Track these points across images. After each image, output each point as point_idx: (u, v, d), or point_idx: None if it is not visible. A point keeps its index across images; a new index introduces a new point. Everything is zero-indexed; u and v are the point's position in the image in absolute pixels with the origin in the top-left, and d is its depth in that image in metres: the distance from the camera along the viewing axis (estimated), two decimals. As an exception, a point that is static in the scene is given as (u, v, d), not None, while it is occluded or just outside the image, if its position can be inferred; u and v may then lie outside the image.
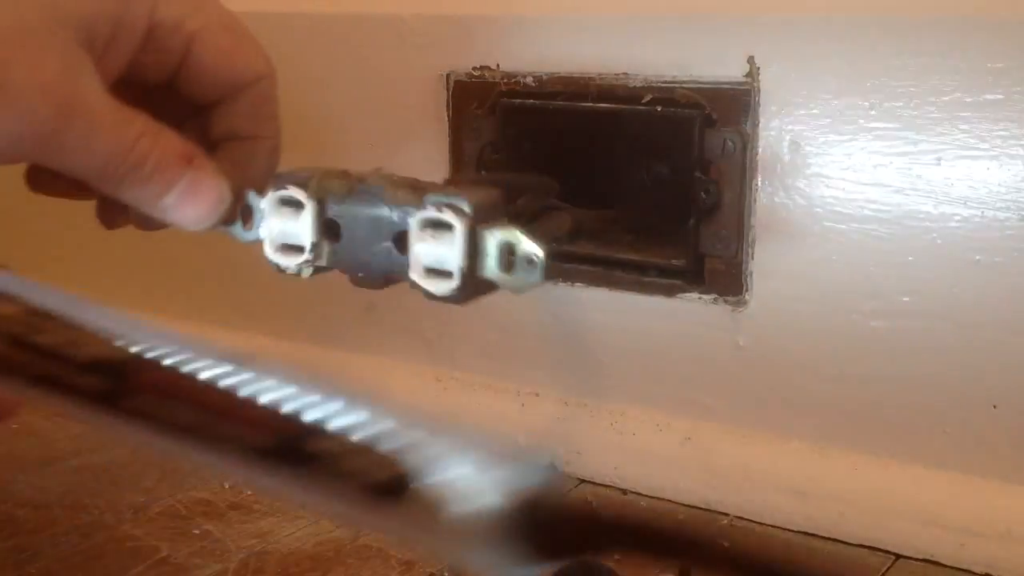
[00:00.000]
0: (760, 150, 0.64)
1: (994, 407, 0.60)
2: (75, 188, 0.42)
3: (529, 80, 0.71)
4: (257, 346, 0.85)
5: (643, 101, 0.66)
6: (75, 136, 0.36)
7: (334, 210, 0.41)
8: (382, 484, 0.28)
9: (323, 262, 0.42)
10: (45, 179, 0.43)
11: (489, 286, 0.40)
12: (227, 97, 0.43)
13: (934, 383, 0.61)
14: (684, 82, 0.65)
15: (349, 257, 0.42)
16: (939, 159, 0.59)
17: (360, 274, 0.42)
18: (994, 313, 0.59)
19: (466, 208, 0.39)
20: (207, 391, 0.33)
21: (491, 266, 0.40)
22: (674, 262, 0.68)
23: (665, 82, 0.66)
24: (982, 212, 0.58)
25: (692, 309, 0.67)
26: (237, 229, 0.42)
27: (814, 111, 0.62)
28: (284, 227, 0.41)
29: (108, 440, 0.76)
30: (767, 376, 0.66)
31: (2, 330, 0.37)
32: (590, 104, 0.69)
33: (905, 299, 0.61)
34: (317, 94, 0.80)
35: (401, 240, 0.40)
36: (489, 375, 0.76)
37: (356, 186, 0.41)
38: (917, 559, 0.61)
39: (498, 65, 0.72)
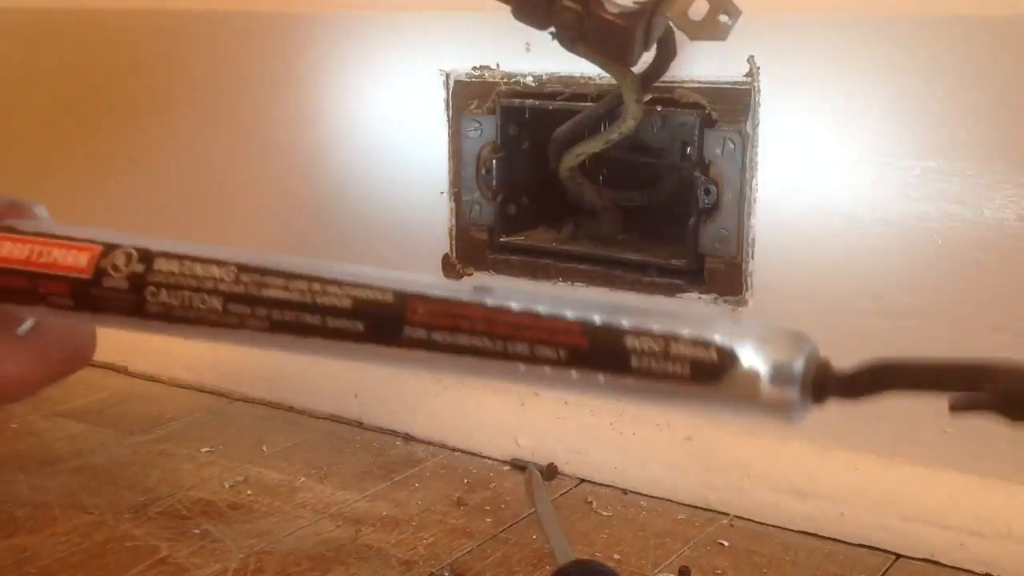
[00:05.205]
0: (760, 150, 0.64)
1: (994, 407, 0.60)
2: None
3: (529, 80, 0.71)
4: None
5: (643, 101, 0.66)
6: None
7: None
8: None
9: None
10: None
11: None
12: None
13: (934, 383, 0.61)
14: (684, 82, 0.65)
15: None
16: (939, 159, 0.59)
17: None
18: (994, 313, 0.59)
19: None
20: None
21: None
22: (674, 262, 0.68)
23: (665, 82, 0.65)
24: (982, 212, 0.58)
25: (692, 309, 0.67)
26: None
27: (814, 111, 0.62)
28: None
29: (109, 439, 0.76)
30: (767, 376, 0.66)
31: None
32: (589, 104, 0.68)
33: (905, 299, 0.61)
34: (316, 93, 0.80)
35: None
36: (489, 375, 0.76)
37: None
38: (917, 559, 0.61)
39: (498, 65, 0.72)
